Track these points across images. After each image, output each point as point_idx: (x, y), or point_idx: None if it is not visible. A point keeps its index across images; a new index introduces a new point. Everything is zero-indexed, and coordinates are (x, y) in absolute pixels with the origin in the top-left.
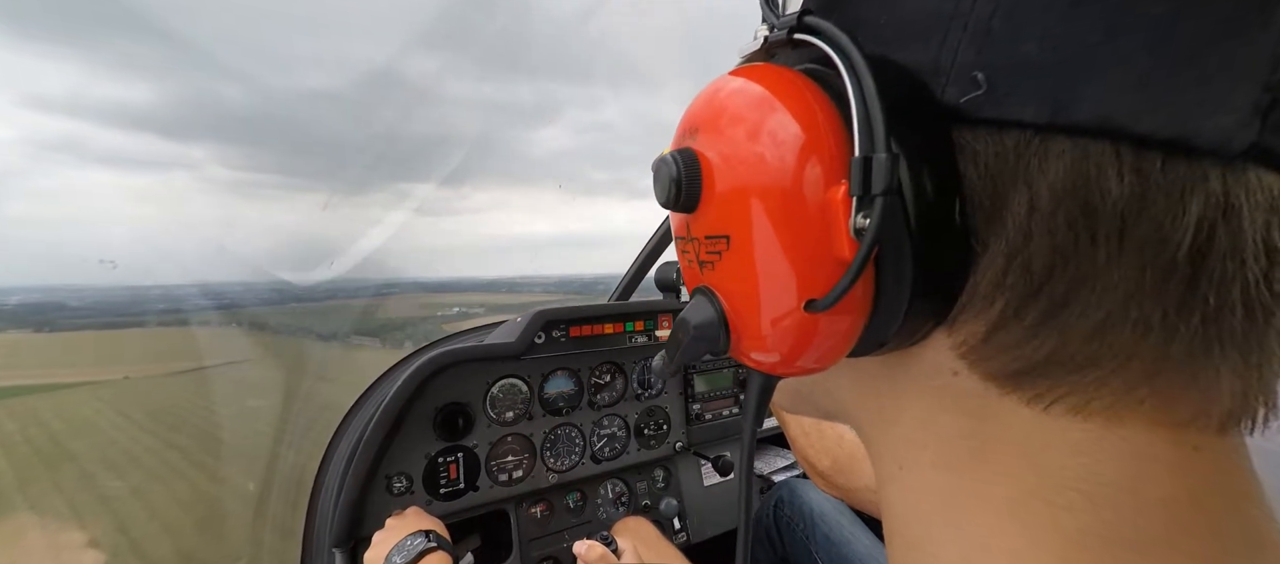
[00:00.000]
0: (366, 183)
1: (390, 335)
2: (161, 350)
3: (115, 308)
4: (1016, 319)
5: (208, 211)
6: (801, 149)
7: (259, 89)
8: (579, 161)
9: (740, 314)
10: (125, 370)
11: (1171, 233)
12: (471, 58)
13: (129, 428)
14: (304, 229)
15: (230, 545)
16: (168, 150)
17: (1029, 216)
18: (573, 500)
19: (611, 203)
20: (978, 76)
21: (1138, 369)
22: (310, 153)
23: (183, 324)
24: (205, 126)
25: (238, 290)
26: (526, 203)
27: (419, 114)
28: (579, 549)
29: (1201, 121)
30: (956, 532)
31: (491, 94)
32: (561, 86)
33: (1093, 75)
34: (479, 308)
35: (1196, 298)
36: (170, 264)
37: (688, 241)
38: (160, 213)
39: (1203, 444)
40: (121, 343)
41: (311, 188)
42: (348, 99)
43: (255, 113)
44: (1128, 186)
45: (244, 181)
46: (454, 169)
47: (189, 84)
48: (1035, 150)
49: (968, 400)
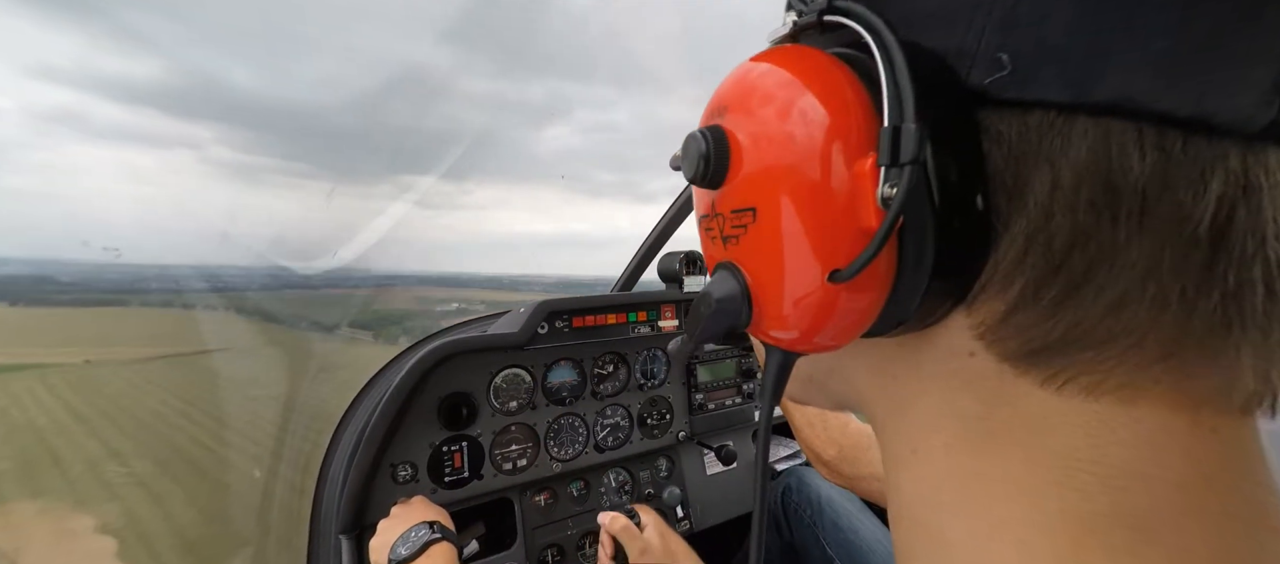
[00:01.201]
0: (371, 174)
1: (385, 330)
2: (140, 333)
3: (106, 285)
4: (1035, 298)
5: (209, 193)
6: (831, 123)
7: (267, 73)
8: (585, 162)
9: (764, 287)
10: (89, 353)
11: (1192, 210)
12: (482, 51)
13: (72, 425)
14: (305, 216)
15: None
16: (171, 128)
17: (1051, 195)
18: (576, 489)
19: (617, 205)
20: (1002, 58)
21: (1154, 347)
22: (315, 140)
23: (167, 306)
24: (211, 107)
25: (232, 274)
26: (529, 202)
27: (427, 107)
28: (603, 519)
29: (1222, 101)
30: (967, 514)
31: (501, 90)
32: (570, 85)
33: (1115, 56)
34: (479, 304)
35: (1216, 275)
36: (164, 243)
37: (712, 218)
38: (160, 193)
39: (1220, 426)
40: (101, 322)
41: (316, 175)
42: (356, 88)
43: (262, 97)
44: (1149, 165)
45: (248, 165)
46: (458, 163)
47: (194, 65)
48: (1058, 130)
49: (983, 382)
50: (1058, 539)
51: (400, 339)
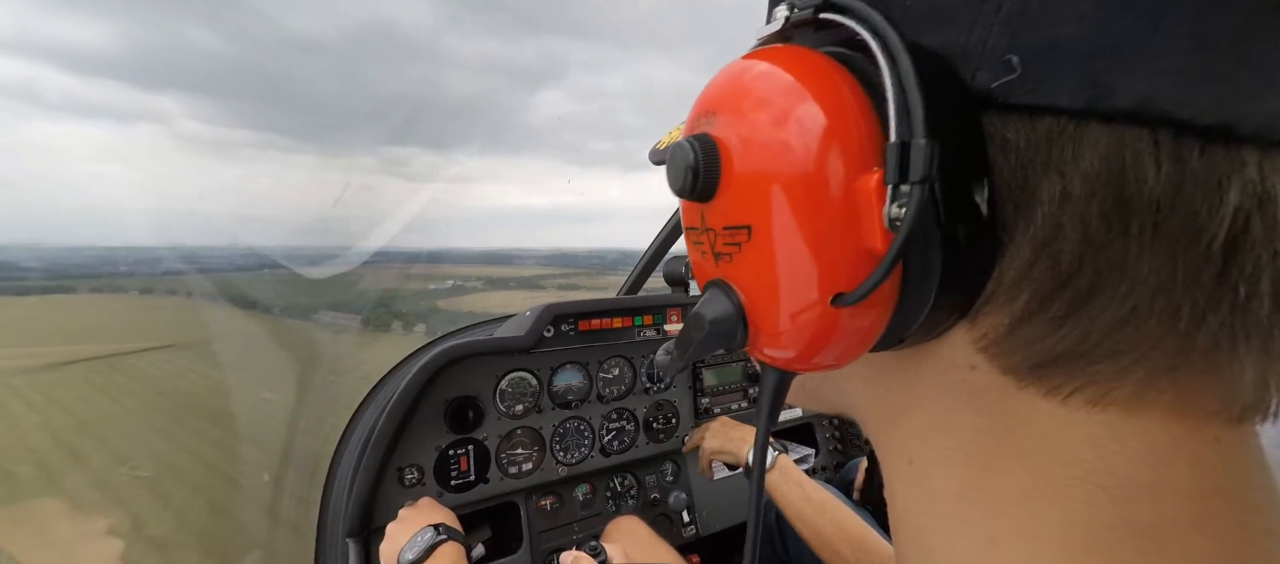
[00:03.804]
0: (352, 146)
1: (375, 314)
2: (73, 327)
3: (53, 271)
4: (1041, 312)
5: (177, 171)
6: (831, 135)
7: (236, 34)
8: (580, 131)
9: (759, 309)
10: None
11: (1207, 222)
12: (471, 6)
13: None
14: (283, 193)
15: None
16: (133, 99)
17: (1061, 207)
18: (582, 493)
19: (609, 175)
20: (1012, 60)
21: (1160, 360)
22: (292, 109)
23: (119, 292)
24: (174, 74)
25: (206, 255)
26: (521, 174)
27: (413, 72)
28: (566, 560)
29: (1245, 107)
30: (968, 526)
31: (492, 51)
32: (565, 42)
33: (1134, 59)
34: (475, 281)
35: (1227, 288)
36: (123, 224)
37: (702, 232)
38: (124, 171)
39: (1222, 436)
40: (33, 313)
41: (296, 149)
42: (335, 51)
43: (232, 62)
44: (1165, 175)
45: (220, 139)
46: (447, 133)
47: (155, 25)
48: (1069, 137)
49: (984, 395)
50: (1063, 550)
51: (393, 324)
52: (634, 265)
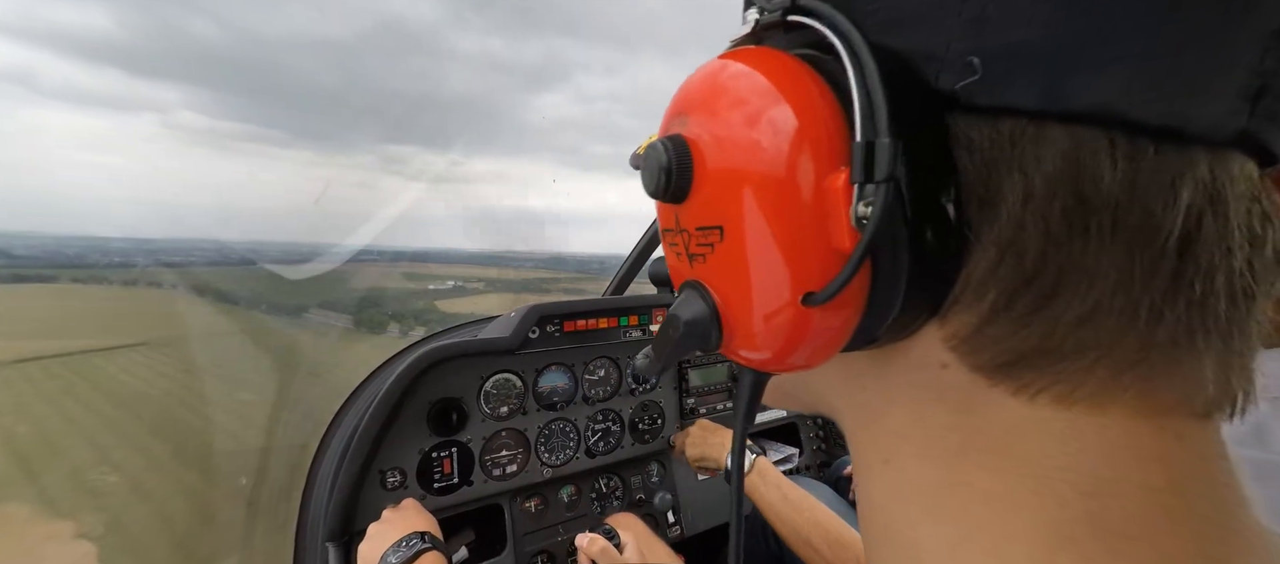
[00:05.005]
0: (352, 143)
1: (366, 314)
2: (50, 318)
3: (33, 260)
4: (1007, 310)
5: (174, 163)
6: (800, 135)
7: (237, 27)
8: (582, 134)
9: (733, 309)
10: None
11: (1162, 220)
12: (473, 5)
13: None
14: (280, 187)
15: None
16: (132, 89)
17: (1024, 206)
18: (567, 495)
19: (608, 179)
20: (973, 62)
21: (1122, 357)
22: (292, 105)
23: (101, 282)
24: (173, 64)
25: (190, 248)
26: (521, 174)
27: (414, 68)
28: (581, 542)
29: (1193, 108)
30: (937, 522)
31: (494, 50)
32: (568, 43)
33: (1088, 61)
34: (477, 282)
35: (1183, 285)
36: (112, 215)
37: (676, 233)
38: (122, 162)
39: (1186, 433)
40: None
41: (293, 144)
42: (339, 47)
43: (232, 55)
44: (1121, 174)
45: (219, 131)
46: (446, 133)
47: (155, 15)
48: (1030, 138)
49: (955, 392)
50: (1031, 546)
51: (389, 325)
52: (619, 266)
